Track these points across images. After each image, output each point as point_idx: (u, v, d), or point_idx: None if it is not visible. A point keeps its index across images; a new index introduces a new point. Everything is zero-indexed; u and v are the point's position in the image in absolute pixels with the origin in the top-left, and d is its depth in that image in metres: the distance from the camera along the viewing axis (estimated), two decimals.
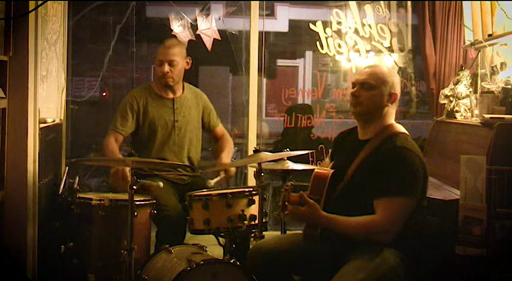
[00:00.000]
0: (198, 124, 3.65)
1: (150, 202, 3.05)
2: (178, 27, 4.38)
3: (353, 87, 2.56)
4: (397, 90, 2.54)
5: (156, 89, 3.59)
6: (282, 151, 3.13)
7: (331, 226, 2.39)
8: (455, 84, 3.71)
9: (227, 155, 3.59)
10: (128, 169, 3.12)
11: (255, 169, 2.93)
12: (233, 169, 3.50)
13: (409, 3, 4.58)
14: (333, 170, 2.54)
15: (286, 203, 2.41)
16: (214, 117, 3.73)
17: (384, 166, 2.38)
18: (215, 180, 3.38)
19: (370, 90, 2.50)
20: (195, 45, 3.71)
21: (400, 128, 2.54)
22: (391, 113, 2.55)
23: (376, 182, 2.36)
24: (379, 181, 2.36)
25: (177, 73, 3.52)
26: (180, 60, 3.52)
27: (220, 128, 3.77)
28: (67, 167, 3.70)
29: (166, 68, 3.47)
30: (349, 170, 2.49)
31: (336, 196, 2.49)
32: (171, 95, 3.58)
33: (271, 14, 4.81)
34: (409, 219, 2.37)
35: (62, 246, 2.95)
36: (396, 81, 2.55)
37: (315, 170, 2.57)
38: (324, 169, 2.60)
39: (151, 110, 3.53)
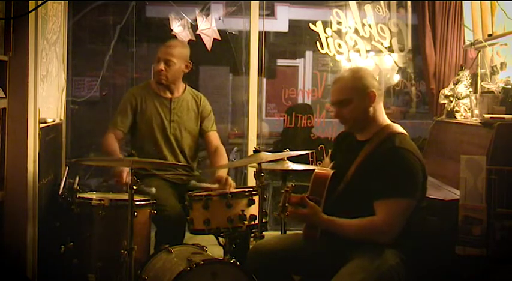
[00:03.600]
0: (196, 126, 3.64)
1: (150, 202, 3.05)
2: (178, 27, 4.38)
3: (333, 107, 2.55)
4: (372, 86, 2.48)
5: (154, 87, 3.60)
6: (282, 151, 3.13)
7: (331, 228, 2.38)
8: (455, 84, 3.71)
9: (224, 171, 3.32)
10: (125, 171, 3.15)
11: (255, 169, 2.93)
12: (231, 185, 3.20)
13: (409, 3, 4.58)
14: (333, 171, 2.54)
15: (287, 204, 2.41)
16: (209, 122, 3.67)
17: (383, 167, 2.38)
18: (203, 184, 3.32)
19: (347, 106, 2.48)
20: (195, 45, 3.72)
21: (398, 128, 2.53)
22: (378, 111, 2.52)
23: (376, 184, 2.36)
24: (378, 182, 2.35)
25: (172, 73, 3.52)
26: (178, 62, 3.52)
27: (213, 135, 3.66)
28: (67, 167, 3.70)
29: (162, 66, 3.49)
30: (349, 171, 2.48)
31: (335, 196, 2.49)
32: (169, 95, 3.59)
33: (271, 14, 4.81)
34: (409, 219, 2.37)
35: (62, 246, 2.95)
36: (366, 80, 2.49)
37: (315, 171, 2.57)
38: (324, 169, 2.60)
39: (148, 108, 3.53)
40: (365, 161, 2.46)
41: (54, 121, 3.46)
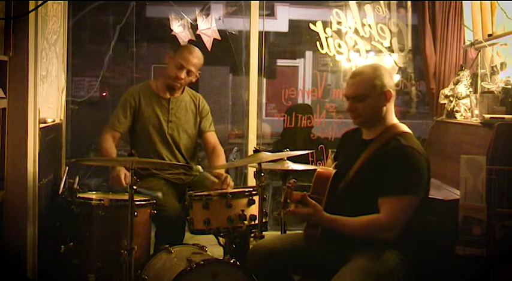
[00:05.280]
0: (194, 127, 3.64)
1: (150, 202, 3.05)
2: (178, 27, 4.38)
3: (347, 99, 2.55)
4: (389, 86, 2.50)
5: (154, 87, 3.59)
6: (282, 151, 3.13)
7: (334, 226, 2.38)
8: (455, 84, 3.71)
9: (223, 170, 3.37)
10: (123, 174, 3.17)
11: (255, 169, 2.93)
12: (229, 184, 3.25)
13: (409, 3, 4.58)
14: (335, 170, 2.54)
15: (288, 200, 2.40)
16: (208, 122, 3.67)
17: (389, 164, 2.38)
18: (208, 174, 3.37)
19: (363, 101, 2.48)
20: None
21: (404, 128, 2.53)
22: (390, 110, 2.54)
23: (381, 181, 2.36)
24: (384, 179, 2.35)
25: (187, 82, 3.54)
26: (195, 73, 3.53)
27: (211, 136, 3.66)
28: (67, 167, 3.70)
29: (183, 74, 3.48)
30: (351, 170, 2.48)
31: (337, 195, 2.49)
32: (167, 95, 3.58)
33: (271, 14, 4.81)
34: (410, 219, 2.37)
35: (62, 246, 2.95)
36: (385, 78, 2.49)
37: (318, 170, 2.57)
38: (327, 168, 2.60)
39: (146, 108, 3.53)
40: (369, 160, 2.46)
41: (54, 121, 3.46)
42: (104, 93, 4.77)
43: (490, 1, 3.70)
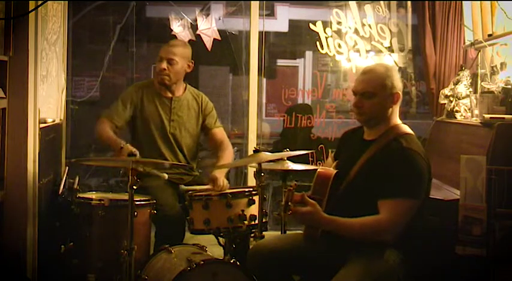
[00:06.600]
0: (196, 126, 3.63)
1: (150, 202, 3.05)
2: (178, 27, 4.38)
3: (354, 95, 2.55)
4: (398, 88, 2.51)
5: (156, 86, 3.59)
6: (282, 151, 3.13)
7: (333, 227, 2.37)
8: (455, 84, 3.71)
9: (221, 172, 3.28)
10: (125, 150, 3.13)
11: (255, 169, 2.93)
12: (224, 185, 3.21)
13: (409, 3, 4.58)
14: (336, 171, 2.53)
15: (290, 203, 2.40)
16: (213, 119, 3.66)
17: (390, 167, 2.37)
18: (190, 187, 3.30)
19: (371, 99, 2.48)
20: (195, 45, 3.72)
21: (406, 129, 2.53)
22: (395, 112, 2.54)
23: (381, 183, 2.35)
24: (384, 181, 2.35)
25: (175, 73, 3.51)
26: (180, 61, 3.51)
27: (218, 131, 3.65)
28: (67, 167, 3.70)
29: (164, 65, 3.48)
30: (352, 170, 2.48)
31: (338, 196, 2.48)
32: (169, 95, 3.58)
33: (271, 14, 4.81)
34: (410, 220, 2.36)
35: (62, 246, 2.95)
36: (395, 79, 2.51)
37: (318, 170, 2.56)
38: (327, 169, 2.59)
39: (148, 106, 3.53)
40: (370, 161, 2.45)
41: (54, 121, 3.46)
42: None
43: (490, 1, 3.70)
